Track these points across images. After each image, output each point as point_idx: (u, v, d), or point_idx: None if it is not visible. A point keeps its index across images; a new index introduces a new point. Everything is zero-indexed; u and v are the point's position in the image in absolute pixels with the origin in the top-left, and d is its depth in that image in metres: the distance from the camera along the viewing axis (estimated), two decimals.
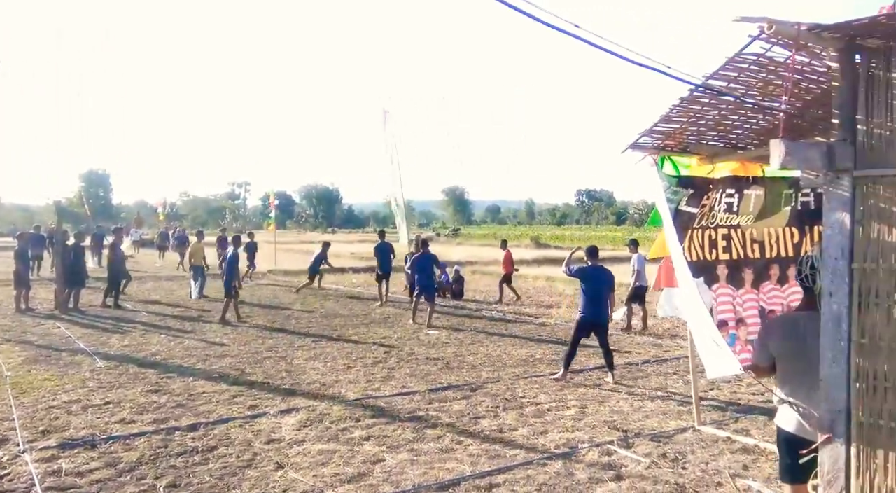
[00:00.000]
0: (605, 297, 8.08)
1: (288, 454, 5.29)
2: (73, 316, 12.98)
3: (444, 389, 7.43)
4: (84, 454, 5.25)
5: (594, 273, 8.03)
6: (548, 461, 5.16)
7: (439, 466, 5.04)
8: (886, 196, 3.12)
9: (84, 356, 9.02)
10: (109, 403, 6.75)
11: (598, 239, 47.82)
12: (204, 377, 7.88)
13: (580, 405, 6.79)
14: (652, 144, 4.44)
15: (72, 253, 14.20)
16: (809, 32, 3.00)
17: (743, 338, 4.53)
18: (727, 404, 6.94)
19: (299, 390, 7.35)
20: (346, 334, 11.05)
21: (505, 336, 11.02)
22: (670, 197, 4.39)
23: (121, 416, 6.28)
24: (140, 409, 6.52)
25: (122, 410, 6.49)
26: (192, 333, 11.10)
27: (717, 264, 4.52)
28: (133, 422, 6.10)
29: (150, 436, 5.69)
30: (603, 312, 8.02)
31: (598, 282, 7.96)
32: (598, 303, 7.94)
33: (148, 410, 6.50)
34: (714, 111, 3.99)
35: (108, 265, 14.71)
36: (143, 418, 6.23)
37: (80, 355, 9.14)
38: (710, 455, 5.34)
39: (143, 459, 5.16)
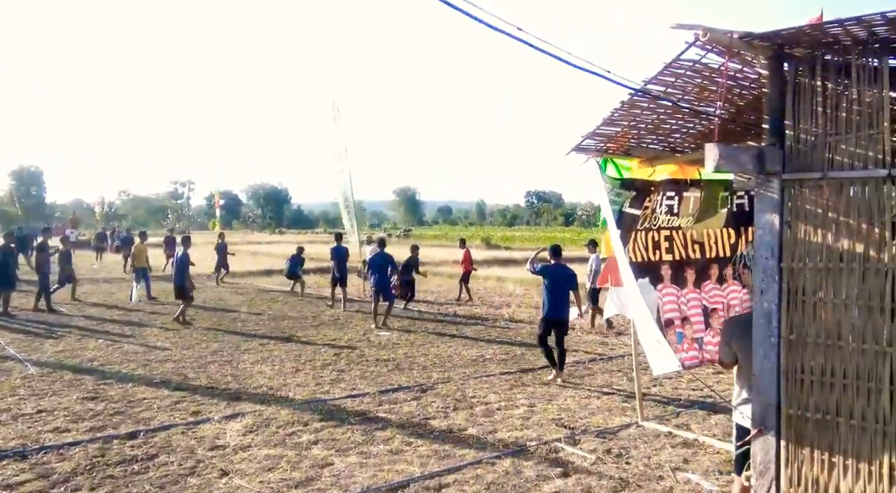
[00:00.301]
0: (568, 295, 8.18)
1: (233, 461, 5.16)
2: (3, 321, 12.31)
3: (394, 390, 7.41)
4: (14, 466, 4.99)
5: (557, 272, 8.11)
6: (497, 459, 5.22)
7: (389, 468, 5.02)
8: (812, 198, 3.30)
9: (14, 363, 8.57)
10: (42, 411, 6.43)
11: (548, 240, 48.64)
12: (144, 383, 7.61)
13: (529, 404, 6.89)
14: (595, 146, 4.55)
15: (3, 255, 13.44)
16: (741, 40, 3.14)
17: (689, 336, 4.70)
18: (669, 400, 7.17)
19: (245, 394, 7.19)
20: (294, 337, 10.87)
21: (455, 337, 11.07)
22: (614, 199, 4.51)
23: (54, 425, 5.99)
24: (75, 417, 6.24)
25: (56, 418, 6.20)
26: (131, 337, 10.69)
27: (661, 265, 4.67)
28: (68, 431, 5.84)
29: (87, 445, 5.45)
30: (565, 310, 8.12)
31: (561, 280, 8.05)
32: (561, 301, 8.03)
33: (84, 418, 6.22)
34: (653, 115, 4.13)
35: (36, 267, 13.99)
36: (78, 426, 5.97)
37: (9, 361, 8.68)
38: (653, 450, 5.51)
39: (79, 469, 4.94)
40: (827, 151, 3.24)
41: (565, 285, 8.08)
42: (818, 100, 3.26)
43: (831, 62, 3.23)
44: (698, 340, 4.70)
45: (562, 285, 8.05)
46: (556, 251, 8.39)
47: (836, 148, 3.21)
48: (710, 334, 4.75)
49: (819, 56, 3.26)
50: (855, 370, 3.17)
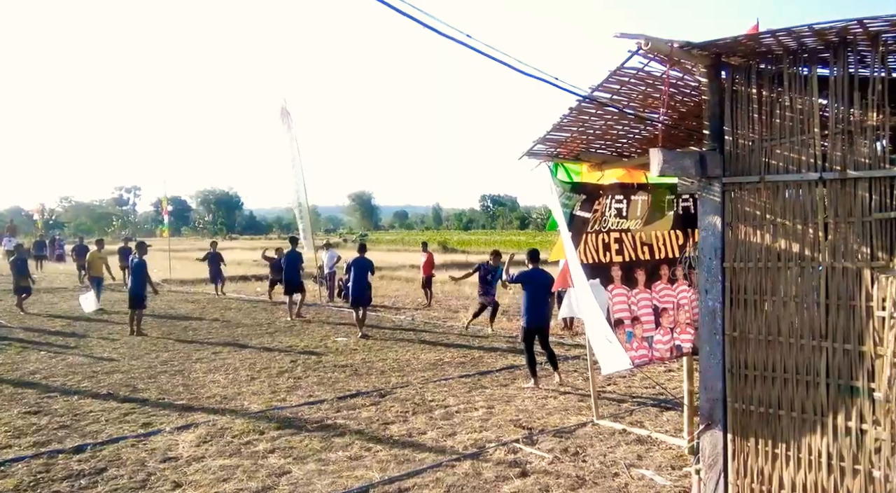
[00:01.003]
0: (548, 300, 8.09)
1: (186, 472, 5.04)
2: None
3: (352, 396, 7.36)
4: None
5: (538, 277, 7.91)
6: (456, 462, 5.25)
7: (348, 474, 4.99)
8: (751, 201, 3.47)
9: None
10: None
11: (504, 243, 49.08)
12: (90, 396, 7.34)
13: (487, 406, 6.95)
14: (546, 151, 4.66)
15: None
16: (681, 50, 3.28)
17: (639, 335, 4.84)
18: (623, 399, 7.36)
19: (198, 404, 7.02)
20: (249, 344, 10.67)
21: (413, 341, 11.07)
22: (565, 202, 4.62)
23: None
24: (17, 432, 5.97)
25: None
26: (76, 349, 10.29)
27: (612, 266, 4.81)
28: (9, 447, 5.58)
29: (30, 461, 5.24)
30: (547, 315, 8.03)
31: (542, 285, 7.89)
32: (543, 306, 7.92)
33: (26, 433, 5.97)
34: (601, 121, 4.26)
35: None
36: (20, 441, 5.72)
37: None
38: (608, 448, 5.65)
39: (22, 486, 4.74)
40: (763, 156, 3.41)
41: (546, 290, 7.94)
42: (754, 106, 3.44)
43: (766, 71, 3.41)
44: (648, 339, 4.86)
45: (543, 291, 7.90)
46: (534, 256, 8.11)
47: (772, 153, 3.39)
48: (660, 333, 4.91)
49: (754, 65, 3.44)
50: (794, 365, 3.34)
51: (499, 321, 13.28)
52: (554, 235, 6.78)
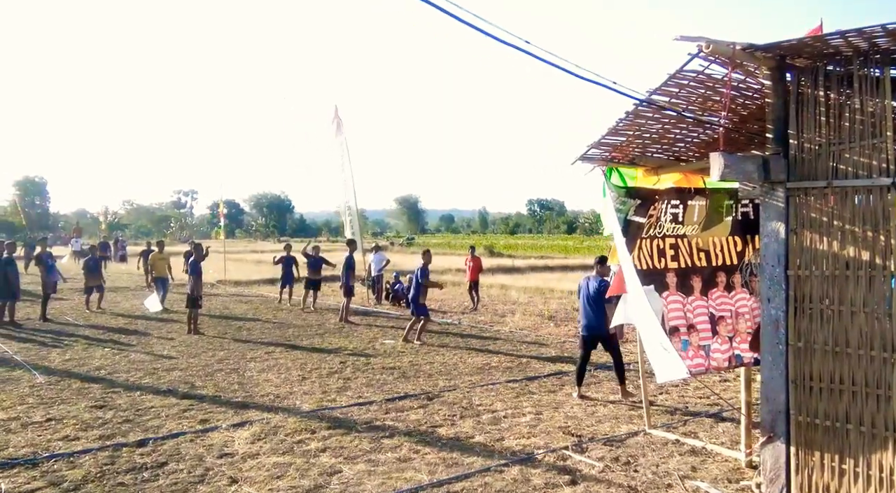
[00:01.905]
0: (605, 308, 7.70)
1: (241, 468, 5.19)
2: (9, 330, 12.37)
3: (400, 398, 7.43)
4: (25, 474, 5.02)
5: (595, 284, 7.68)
6: (505, 467, 5.23)
7: (397, 476, 5.04)
8: (817, 206, 3.35)
9: (23, 372, 8.62)
10: (51, 419, 6.47)
11: (551, 248, 48.62)
12: (152, 392, 7.65)
13: (535, 412, 6.90)
14: (600, 155, 4.61)
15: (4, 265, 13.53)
16: (744, 52, 3.20)
17: (695, 343, 4.72)
18: (676, 408, 7.18)
19: (252, 402, 7.22)
20: (300, 345, 10.90)
21: (460, 345, 11.08)
22: (619, 207, 4.55)
23: (64, 433, 6.03)
24: (84, 425, 6.28)
25: (66, 426, 6.23)
26: (137, 346, 10.74)
27: (667, 272, 4.70)
28: (77, 439, 5.87)
29: (96, 453, 5.49)
30: (603, 323, 7.65)
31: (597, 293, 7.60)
32: (599, 314, 7.64)
33: (93, 426, 6.26)
34: (657, 125, 4.18)
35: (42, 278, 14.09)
36: (87, 434, 6.00)
37: (18, 370, 8.73)
38: (661, 458, 5.52)
39: (89, 477, 4.97)
40: (831, 160, 3.29)
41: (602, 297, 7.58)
42: (821, 109, 3.32)
43: (833, 72, 3.29)
44: (705, 347, 4.73)
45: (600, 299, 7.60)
46: (602, 262, 7.87)
47: (840, 157, 3.26)
48: (717, 342, 4.77)
49: (821, 66, 3.32)
50: (864, 377, 3.20)
51: (546, 326, 13.18)
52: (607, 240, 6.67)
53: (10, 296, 13.23)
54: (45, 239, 17.59)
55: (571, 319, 14.17)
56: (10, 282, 13.22)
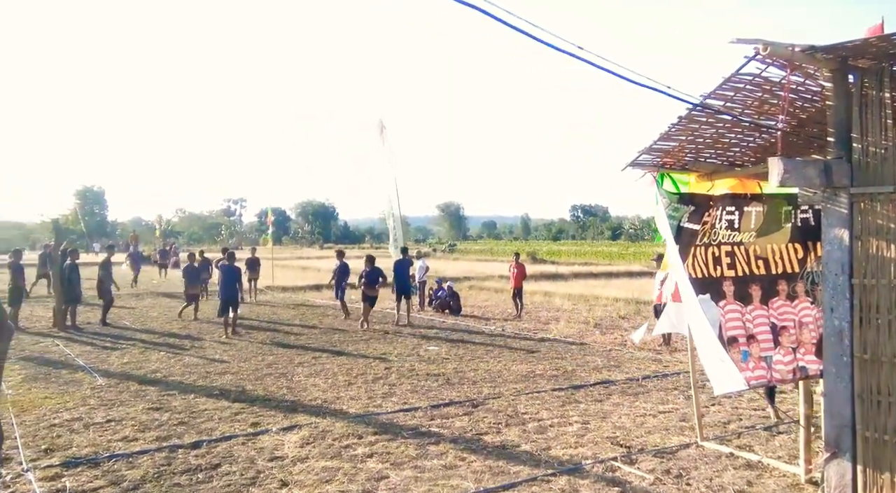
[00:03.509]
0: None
1: (292, 472, 5.28)
2: (71, 334, 12.94)
3: (445, 405, 7.43)
4: (87, 473, 5.24)
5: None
6: (552, 477, 5.17)
7: (443, 483, 5.04)
8: (883, 212, 3.20)
9: (84, 374, 9.00)
10: (111, 420, 6.73)
11: (595, 254, 47.95)
12: (205, 394, 7.87)
13: (582, 422, 6.79)
14: (651, 161, 4.52)
15: (67, 270, 14.18)
16: (803, 53, 3.10)
17: (756, 355, 4.55)
18: (729, 420, 6.96)
19: (301, 406, 7.34)
20: (346, 350, 11.04)
21: (504, 352, 11.02)
22: (672, 214, 4.46)
23: (123, 434, 6.26)
24: (142, 427, 6.50)
25: (125, 427, 6.47)
26: (190, 350, 11.07)
27: (723, 281, 4.57)
28: (135, 440, 6.09)
29: (154, 454, 5.68)
30: None
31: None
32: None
33: (150, 427, 6.48)
34: (711, 129, 4.08)
35: (98, 283, 14.62)
36: (145, 435, 6.22)
37: (79, 372, 9.11)
38: (714, 471, 5.35)
39: (147, 477, 5.15)
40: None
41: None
42: (887, 112, 3.18)
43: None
44: (766, 358, 4.56)
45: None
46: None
47: None
48: (780, 353, 4.60)
49: (886, 67, 3.19)
50: None
51: (592, 334, 12.98)
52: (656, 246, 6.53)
53: (72, 300, 13.86)
54: (112, 247, 18.19)
55: (618, 326, 13.92)
56: (73, 287, 13.85)
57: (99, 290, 14.56)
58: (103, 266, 14.89)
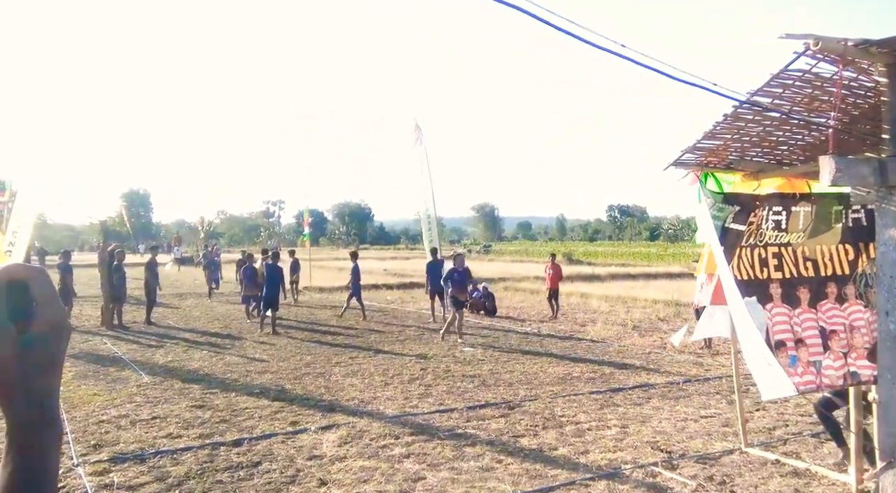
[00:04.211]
0: None
1: (330, 471, 5.33)
2: (118, 332, 13.37)
3: (481, 406, 7.41)
4: (134, 468, 5.39)
5: None
6: (591, 481, 5.10)
7: (480, 485, 5.02)
8: None
9: (130, 371, 9.28)
10: (156, 418, 6.92)
11: (633, 256, 47.20)
12: (245, 393, 8.03)
13: (621, 425, 6.69)
14: (695, 160, 4.42)
15: (115, 271, 14.64)
16: (856, 48, 2.98)
17: (804, 359, 4.40)
18: (775, 426, 6.76)
19: (338, 406, 7.42)
20: (382, 350, 11.12)
21: (541, 354, 10.93)
22: (716, 214, 4.34)
23: (168, 431, 6.43)
24: (186, 424, 6.67)
25: (169, 424, 6.65)
26: (231, 349, 11.31)
27: (770, 283, 4.43)
28: (180, 437, 6.24)
29: (197, 451, 5.82)
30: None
31: None
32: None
33: (193, 425, 6.64)
34: (758, 127, 3.96)
35: (145, 283, 15.06)
36: (188, 432, 6.37)
37: (126, 370, 9.40)
38: (760, 479, 5.20)
39: (191, 473, 5.27)
40: None
41: None
42: None
43: None
44: (815, 363, 4.40)
45: None
46: None
47: None
48: (830, 358, 4.43)
49: None
50: None
51: (630, 336, 12.78)
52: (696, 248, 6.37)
53: (118, 299, 14.32)
54: (156, 248, 18.74)
55: (657, 329, 13.67)
56: (119, 287, 14.31)
57: (146, 290, 15.02)
58: (148, 267, 15.34)
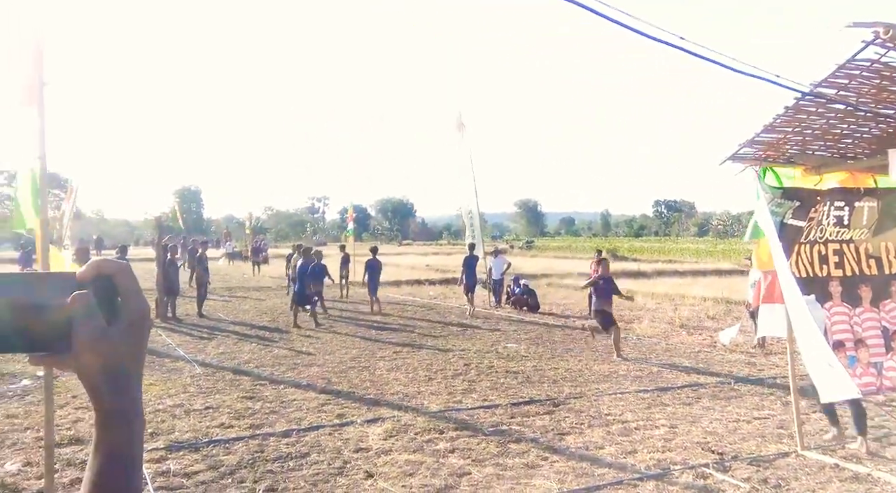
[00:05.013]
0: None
1: (376, 464, 5.40)
2: (172, 325, 13.83)
3: (525, 403, 7.38)
4: (189, 456, 5.58)
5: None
6: (639, 482, 5.02)
7: (525, 482, 5.00)
8: None
9: (184, 363, 9.60)
10: (209, 408, 7.14)
11: (680, 252, 46.11)
12: (293, 385, 8.20)
13: (670, 425, 6.55)
14: (753, 154, 4.27)
15: (168, 265, 15.14)
16: None
17: (864, 360, 4.22)
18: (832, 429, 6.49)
19: (383, 400, 7.50)
20: (425, 346, 11.19)
21: (585, 351, 10.81)
22: (774, 210, 4.19)
23: (220, 421, 6.62)
24: (237, 414, 6.86)
25: (221, 415, 6.85)
26: (279, 342, 11.57)
27: (830, 281, 4.25)
28: (231, 427, 6.43)
29: (248, 441, 5.97)
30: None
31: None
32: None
33: (244, 415, 6.82)
34: (821, 120, 3.80)
35: (197, 277, 15.55)
36: (240, 423, 6.55)
37: (180, 361, 9.73)
38: (817, 483, 5.02)
39: (243, 463, 5.42)
40: None
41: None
42: None
43: None
44: (876, 365, 4.22)
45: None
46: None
47: None
48: (892, 359, 4.24)
49: None
50: None
51: (678, 334, 12.49)
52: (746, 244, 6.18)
53: (171, 293, 14.81)
54: (206, 243, 19.33)
55: (706, 327, 13.32)
56: (172, 281, 14.80)
57: (197, 283, 15.50)
58: (199, 261, 15.82)
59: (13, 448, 5.80)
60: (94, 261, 0.67)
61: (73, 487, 4.93)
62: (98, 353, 0.63)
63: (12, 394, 7.81)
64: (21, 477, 5.13)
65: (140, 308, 0.67)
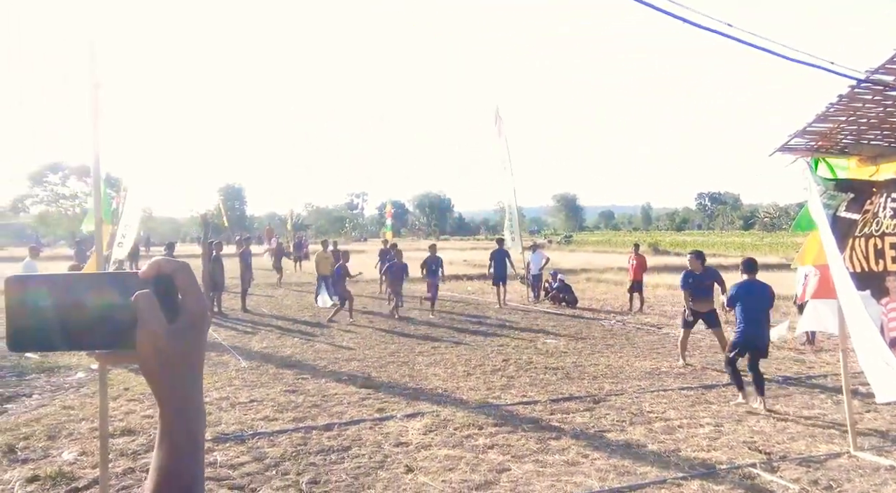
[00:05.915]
0: (766, 317, 7.18)
1: (416, 458, 5.44)
2: (217, 319, 14.19)
3: (565, 399, 7.31)
4: (235, 448, 5.72)
5: (754, 289, 7.09)
6: (683, 481, 4.92)
7: (566, 479, 4.96)
8: None
9: (230, 356, 9.84)
10: (254, 401, 7.30)
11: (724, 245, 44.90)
12: (334, 380, 8.32)
13: (715, 424, 6.40)
14: (805, 145, 4.11)
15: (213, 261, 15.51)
16: None
17: None
18: (888, 429, 6.25)
19: (423, 395, 7.54)
20: (463, 341, 11.20)
21: (626, 347, 10.65)
22: (827, 202, 4.03)
23: (264, 414, 6.77)
24: (280, 407, 7.00)
25: (265, 408, 7.00)
26: (321, 337, 11.75)
27: (886, 276, 4.08)
28: (275, 420, 6.56)
29: (291, 434, 6.09)
30: (763, 334, 7.08)
31: (758, 301, 7.05)
32: (758, 324, 7.03)
33: (287, 409, 6.96)
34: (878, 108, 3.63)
35: (242, 273, 15.91)
36: (283, 416, 6.68)
37: (226, 355, 9.98)
38: (872, 485, 4.83)
39: (286, 455, 5.53)
40: None
41: (764, 305, 7.09)
42: None
43: None
44: None
45: (759, 306, 7.07)
46: (749, 266, 7.26)
47: None
48: None
49: None
50: None
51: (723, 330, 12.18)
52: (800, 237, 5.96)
53: (217, 289, 15.19)
54: (248, 239, 19.73)
55: None
56: (217, 277, 15.18)
57: (241, 279, 15.88)
58: (242, 257, 16.19)
59: (70, 438, 6.05)
60: (155, 260, 0.69)
61: (126, 476, 5.12)
62: (160, 350, 0.65)
63: (68, 386, 8.15)
64: (77, 466, 5.35)
65: (199, 306, 0.69)
